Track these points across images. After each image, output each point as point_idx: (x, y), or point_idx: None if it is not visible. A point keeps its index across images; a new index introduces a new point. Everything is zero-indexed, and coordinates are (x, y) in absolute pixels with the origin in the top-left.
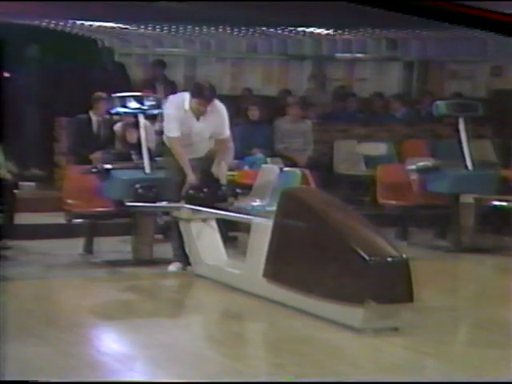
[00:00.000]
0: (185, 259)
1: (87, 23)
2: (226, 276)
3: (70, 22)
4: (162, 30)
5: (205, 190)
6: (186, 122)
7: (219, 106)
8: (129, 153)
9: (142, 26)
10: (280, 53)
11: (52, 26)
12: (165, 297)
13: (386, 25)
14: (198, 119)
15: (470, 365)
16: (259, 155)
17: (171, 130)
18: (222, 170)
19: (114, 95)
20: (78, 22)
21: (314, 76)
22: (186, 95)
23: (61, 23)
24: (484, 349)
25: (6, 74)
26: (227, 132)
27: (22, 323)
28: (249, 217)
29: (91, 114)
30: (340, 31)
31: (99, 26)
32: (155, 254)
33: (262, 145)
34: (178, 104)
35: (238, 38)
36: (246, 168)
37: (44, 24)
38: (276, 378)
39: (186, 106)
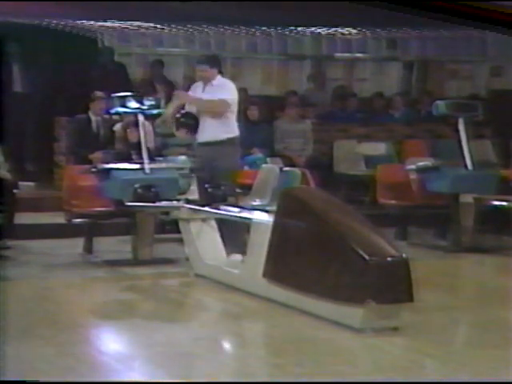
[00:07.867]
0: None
1: (87, 22)
2: (226, 276)
3: (70, 21)
4: (161, 29)
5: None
6: (196, 93)
7: (227, 82)
8: (129, 152)
9: (142, 25)
10: (280, 53)
11: (52, 25)
12: (165, 297)
13: (386, 25)
14: (203, 90)
15: (470, 365)
16: (259, 155)
17: None
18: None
19: (113, 95)
20: (78, 21)
21: (314, 76)
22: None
23: (61, 22)
24: (484, 349)
25: (6, 74)
26: (227, 96)
27: (22, 323)
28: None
29: (90, 113)
30: (340, 31)
31: (100, 25)
32: (155, 254)
33: (261, 145)
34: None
35: (238, 38)
36: (246, 168)
37: (44, 23)
38: (276, 378)
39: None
